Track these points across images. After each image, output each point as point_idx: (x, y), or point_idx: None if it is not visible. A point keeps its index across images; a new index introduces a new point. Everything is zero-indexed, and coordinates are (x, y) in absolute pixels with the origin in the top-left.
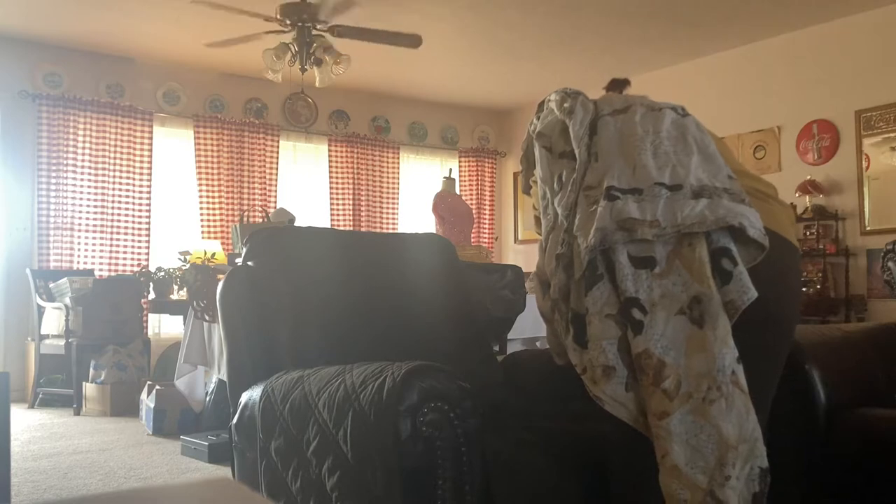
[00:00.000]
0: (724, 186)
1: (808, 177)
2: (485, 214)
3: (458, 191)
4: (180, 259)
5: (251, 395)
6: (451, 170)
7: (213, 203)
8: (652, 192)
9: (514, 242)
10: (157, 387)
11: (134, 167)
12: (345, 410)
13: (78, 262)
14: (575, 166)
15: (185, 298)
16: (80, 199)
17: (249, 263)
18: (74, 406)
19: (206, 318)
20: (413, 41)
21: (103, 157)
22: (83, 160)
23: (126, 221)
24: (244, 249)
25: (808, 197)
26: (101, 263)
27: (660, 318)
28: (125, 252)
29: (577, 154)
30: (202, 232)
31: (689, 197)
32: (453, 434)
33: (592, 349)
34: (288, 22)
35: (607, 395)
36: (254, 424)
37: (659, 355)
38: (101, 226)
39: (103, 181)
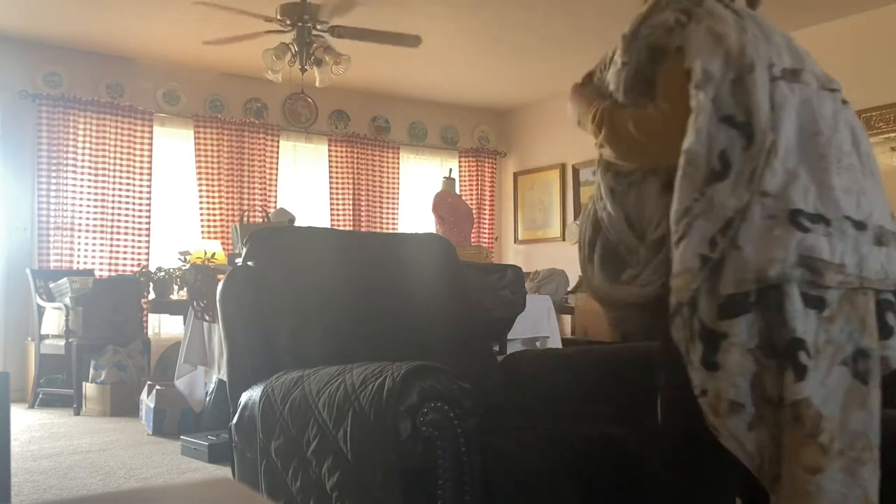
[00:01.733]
0: (893, 230)
1: None
2: (485, 214)
3: (458, 191)
4: (180, 259)
5: (251, 395)
6: (451, 170)
7: (213, 203)
8: (840, 227)
9: (514, 242)
10: (157, 387)
11: (134, 167)
12: (345, 410)
13: (78, 262)
14: (743, 145)
15: (185, 298)
16: (80, 199)
17: (249, 263)
18: (74, 406)
19: (206, 318)
20: (413, 41)
21: (103, 157)
22: (83, 160)
23: (126, 221)
24: (244, 249)
25: None
26: (101, 263)
27: (823, 365)
28: (125, 252)
29: (755, 141)
30: (202, 232)
31: (871, 242)
32: (453, 434)
33: (723, 379)
34: (288, 22)
35: (728, 429)
36: (254, 424)
37: (818, 406)
38: (101, 226)
39: (103, 181)
